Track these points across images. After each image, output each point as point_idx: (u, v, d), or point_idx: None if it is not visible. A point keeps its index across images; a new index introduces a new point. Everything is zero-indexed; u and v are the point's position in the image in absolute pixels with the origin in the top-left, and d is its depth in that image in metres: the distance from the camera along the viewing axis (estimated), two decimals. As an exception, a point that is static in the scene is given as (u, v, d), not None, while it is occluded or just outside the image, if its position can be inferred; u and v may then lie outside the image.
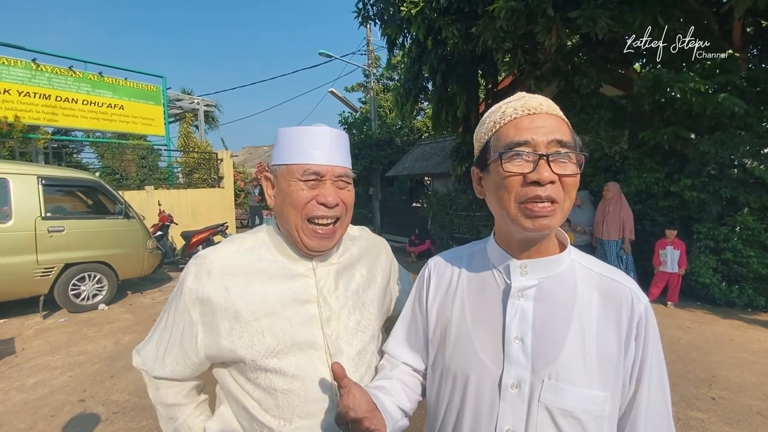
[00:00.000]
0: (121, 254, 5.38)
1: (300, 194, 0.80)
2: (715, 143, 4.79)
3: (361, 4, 6.46)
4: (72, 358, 3.66)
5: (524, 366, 0.66)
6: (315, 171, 0.80)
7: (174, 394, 0.88)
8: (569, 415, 0.63)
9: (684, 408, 2.78)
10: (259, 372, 0.79)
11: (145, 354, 0.89)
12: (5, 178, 4.48)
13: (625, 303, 0.66)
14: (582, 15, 4.34)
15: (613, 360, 0.64)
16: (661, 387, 0.67)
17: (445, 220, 8.99)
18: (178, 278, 0.87)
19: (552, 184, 0.61)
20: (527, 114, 0.64)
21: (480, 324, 0.72)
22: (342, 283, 0.89)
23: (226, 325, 0.79)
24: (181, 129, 14.25)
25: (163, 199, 8.28)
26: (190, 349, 0.82)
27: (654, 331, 0.67)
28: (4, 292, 4.52)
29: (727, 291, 4.93)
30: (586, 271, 0.71)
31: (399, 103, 7.80)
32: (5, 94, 7.81)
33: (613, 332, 0.65)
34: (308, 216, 0.81)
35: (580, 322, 0.66)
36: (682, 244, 5.02)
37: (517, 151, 0.62)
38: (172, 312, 0.85)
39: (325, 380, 0.81)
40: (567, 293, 0.68)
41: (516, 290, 0.70)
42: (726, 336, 4.10)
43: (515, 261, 0.71)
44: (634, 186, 5.47)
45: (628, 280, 0.70)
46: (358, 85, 18.40)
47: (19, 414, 2.73)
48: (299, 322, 0.81)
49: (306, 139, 0.81)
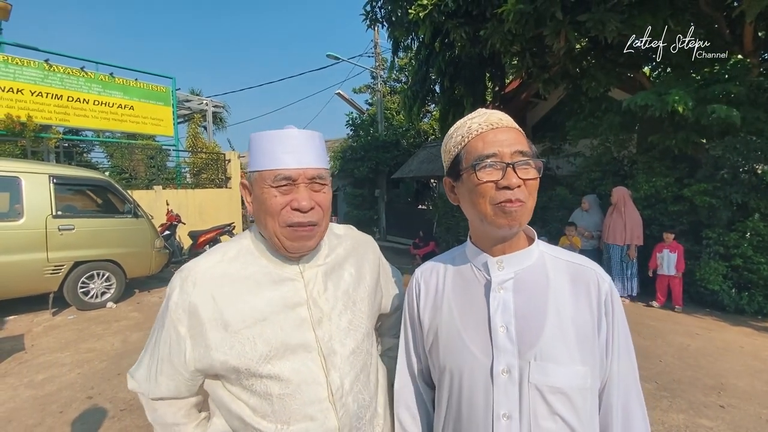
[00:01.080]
0: (130, 253, 5.45)
1: (273, 201, 0.78)
2: (727, 148, 4.74)
3: (369, 7, 6.48)
4: (80, 355, 3.71)
5: (511, 352, 0.72)
6: (286, 176, 0.78)
7: (173, 414, 0.86)
8: (557, 392, 0.69)
9: (692, 416, 2.74)
10: (253, 379, 0.78)
11: (138, 377, 0.87)
12: (18, 177, 4.56)
13: (592, 284, 0.74)
14: (591, 18, 4.32)
15: (590, 336, 0.72)
16: (628, 356, 0.74)
17: (451, 223, 8.96)
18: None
19: (519, 187, 0.70)
20: (490, 129, 0.74)
21: (467, 320, 0.78)
22: (331, 284, 0.88)
23: (215, 335, 0.77)
24: (190, 130, 14.37)
25: (171, 198, 8.36)
26: (180, 365, 0.80)
27: (619, 307, 0.74)
28: (15, 289, 4.59)
29: (737, 298, 4.86)
30: (555, 259, 0.79)
31: (406, 105, 7.82)
32: (18, 94, 7.94)
33: (587, 311, 0.73)
34: (286, 223, 0.79)
35: (555, 305, 0.73)
36: (679, 247, 4.99)
37: (488, 162, 0.71)
38: (160, 329, 0.84)
39: (320, 382, 0.80)
40: (541, 281, 0.76)
41: (496, 284, 0.76)
42: (736, 343, 4.04)
43: (492, 258, 0.78)
44: (642, 191, 5.42)
45: (592, 263, 0.78)
46: (365, 87, 18.45)
47: (28, 410, 2.76)
48: (290, 327, 0.81)
49: (275, 143, 0.79)
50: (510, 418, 0.70)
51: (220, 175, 10.56)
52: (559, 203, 6.69)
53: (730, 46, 4.90)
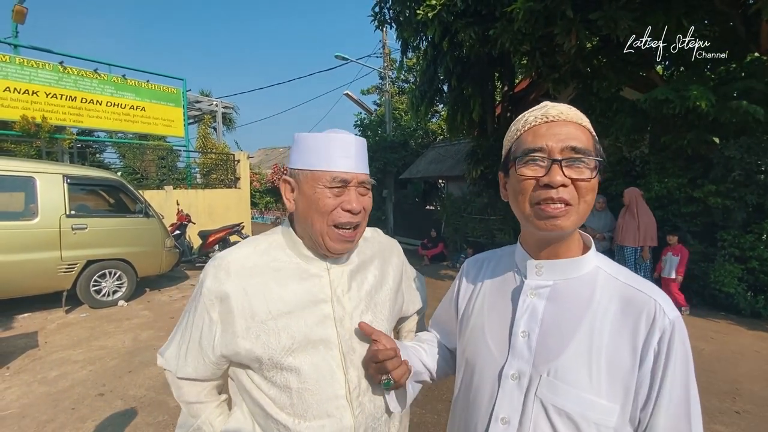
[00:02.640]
0: (141, 252, 5.52)
1: (327, 201, 0.82)
2: (741, 148, 4.64)
3: (378, 8, 6.48)
4: (92, 352, 3.77)
5: (526, 359, 0.68)
6: (342, 179, 0.82)
7: (196, 393, 0.90)
8: (565, 416, 0.63)
9: (707, 421, 2.69)
10: (274, 371, 0.81)
11: (168, 355, 0.92)
12: (33, 177, 4.65)
13: (646, 315, 0.63)
14: (603, 16, 4.26)
15: (626, 373, 0.62)
16: (685, 415, 0.61)
17: (459, 224, 8.92)
18: (196, 277, 0.90)
19: (564, 187, 0.64)
20: (545, 122, 0.68)
21: (493, 316, 0.77)
22: (355, 284, 0.91)
23: (243, 324, 0.81)
24: (200, 130, 14.54)
25: (181, 198, 8.45)
26: (209, 349, 0.84)
27: (682, 352, 0.62)
28: (30, 286, 4.68)
29: (752, 301, 4.75)
30: (611, 279, 0.70)
31: (414, 105, 7.80)
32: (34, 96, 8.10)
33: (628, 343, 0.63)
34: (334, 222, 0.83)
35: (590, 327, 0.66)
36: (684, 250, 4.91)
37: (532, 156, 0.66)
38: (192, 312, 0.87)
39: (338, 379, 0.82)
40: (582, 297, 0.69)
41: (529, 288, 0.73)
42: (751, 348, 3.95)
43: (532, 261, 0.74)
44: (654, 191, 5.34)
45: (657, 292, 0.66)
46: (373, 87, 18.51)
47: (41, 406, 2.81)
48: (314, 322, 0.83)
49: (333, 146, 0.82)
50: (508, 423, 0.68)
51: (230, 176, 10.66)
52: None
53: (745, 45, 4.79)
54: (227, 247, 0.93)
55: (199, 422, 0.90)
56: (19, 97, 7.93)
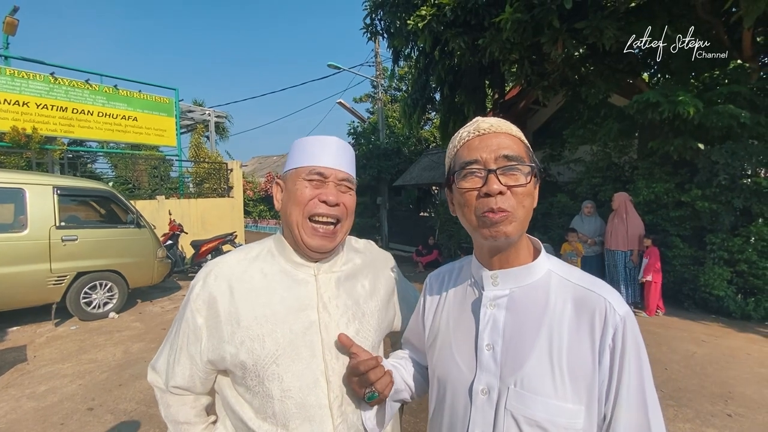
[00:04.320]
0: (132, 263, 5.46)
1: (303, 192, 0.84)
2: (726, 153, 4.73)
3: (369, 20, 6.56)
4: (82, 366, 3.70)
5: (493, 373, 0.69)
6: (319, 171, 0.84)
7: (185, 412, 0.89)
8: (535, 425, 0.64)
9: (699, 425, 2.70)
10: (257, 379, 0.81)
11: (159, 366, 0.91)
12: (22, 188, 4.60)
13: (598, 313, 0.65)
14: (589, 26, 4.36)
15: (587, 373, 0.64)
16: (642, 407, 0.63)
17: (453, 230, 8.96)
18: (188, 287, 0.90)
19: (502, 195, 0.66)
20: (477, 135, 0.71)
21: (459, 332, 0.77)
22: (343, 292, 0.91)
23: (229, 329, 0.81)
24: (193, 140, 14.51)
25: (173, 208, 8.40)
26: (196, 354, 0.84)
27: (633, 345, 0.63)
28: (19, 299, 4.61)
29: (742, 304, 4.81)
30: (563, 281, 0.71)
31: (406, 113, 7.87)
32: (24, 107, 8.06)
33: (587, 343, 0.64)
34: (309, 213, 0.84)
35: (549, 331, 0.66)
36: (654, 252, 4.96)
37: (470, 169, 0.68)
38: (180, 320, 0.88)
39: (320, 387, 0.82)
40: (538, 303, 0.70)
41: (487, 299, 0.73)
42: (742, 350, 3.99)
43: (487, 272, 0.74)
44: (642, 196, 5.41)
45: (607, 290, 0.68)
46: (366, 96, 18.62)
47: (29, 422, 2.75)
48: (299, 329, 0.83)
49: (316, 144, 0.87)
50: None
51: (223, 185, 10.63)
52: (561, 210, 6.68)
53: (728, 52, 4.92)
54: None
55: None
56: (10, 108, 7.88)
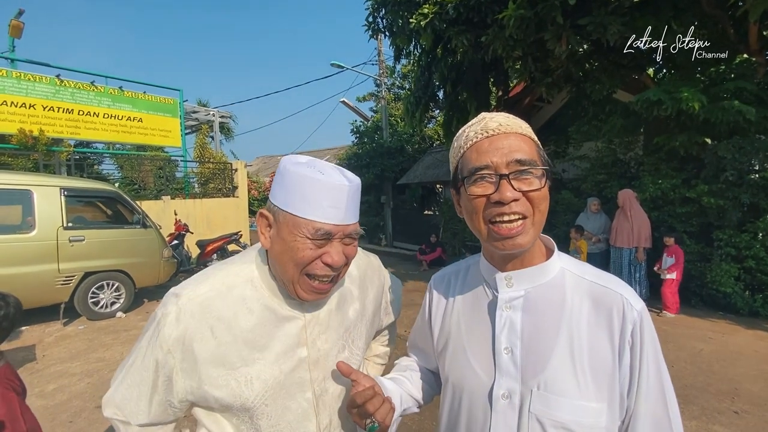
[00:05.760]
0: (139, 263, 5.52)
1: (306, 253, 0.72)
2: (733, 148, 4.68)
3: (371, 18, 6.55)
4: (90, 365, 3.75)
5: (514, 376, 0.67)
6: (327, 231, 0.72)
7: None
8: (561, 427, 0.63)
9: (705, 422, 2.69)
10: (245, 415, 0.77)
11: (119, 401, 0.79)
12: (30, 190, 4.66)
13: (616, 310, 0.65)
14: (592, 22, 4.31)
15: (608, 370, 0.64)
16: (661, 400, 0.64)
17: (457, 228, 8.95)
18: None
19: (516, 201, 0.63)
20: (486, 137, 0.67)
21: (473, 336, 0.75)
22: (334, 323, 0.86)
23: (210, 372, 0.74)
24: (197, 140, 14.58)
25: (179, 208, 8.46)
26: (167, 393, 0.76)
27: (650, 340, 0.64)
28: (28, 299, 4.64)
29: (750, 300, 4.76)
30: (577, 279, 0.70)
31: (409, 111, 7.84)
32: (31, 109, 8.14)
33: (606, 341, 0.64)
34: (308, 273, 0.75)
35: (569, 331, 0.66)
36: (678, 251, 4.90)
37: (480, 174, 0.65)
38: (145, 352, 0.77)
39: (310, 419, 0.81)
40: (555, 302, 0.68)
41: (503, 302, 0.71)
42: (750, 347, 3.95)
43: (500, 273, 0.72)
44: (649, 192, 5.37)
45: (622, 286, 0.68)
46: (369, 94, 18.59)
47: (38, 420, 2.79)
48: (289, 368, 0.79)
49: (322, 192, 0.72)
50: None
51: (227, 185, 10.69)
52: (566, 207, 6.64)
53: (734, 46, 4.85)
54: (225, 256, 0.87)
55: None
56: (17, 111, 7.97)
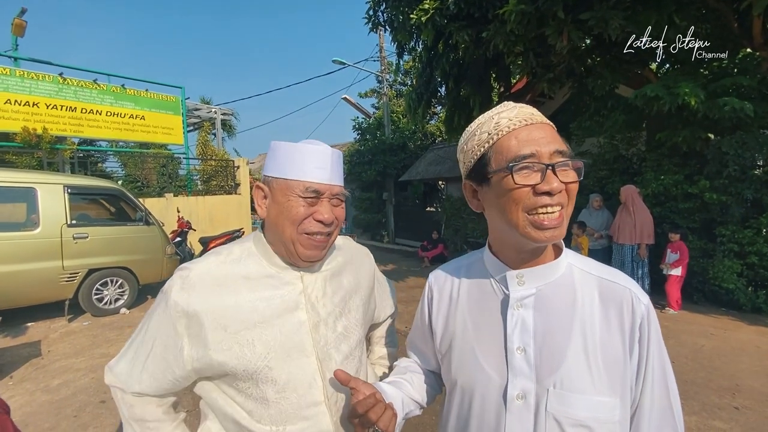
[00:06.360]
0: (142, 260, 5.56)
1: (299, 210, 0.81)
2: (736, 143, 4.64)
3: (372, 11, 6.52)
4: (94, 360, 3.80)
5: (528, 376, 0.66)
6: (315, 189, 0.81)
7: (152, 412, 0.86)
8: (579, 425, 0.63)
9: (705, 418, 2.69)
10: (250, 383, 0.80)
11: (119, 370, 0.86)
12: (34, 187, 4.69)
13: (626, 305, 0.66)
14: (594, 16, 4.28)
15: (620, 364, 0.64)
16: (665, 390, 0.66)
17: (459, 225, 8.94)
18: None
19: (559, 192, 0.63)
20: (524, 125, 0.65)
21: (482, 336, 0.73)
22: (330, 290, 0.91)
23: (214, 336, 0.78)
24: (200, 137, 14.63)
25: (181, 205, 8.50)
26: (175, 363, 0.80)
27: (656, 332, 0.66)
28: (32, 296, 4.72)
29: (753, 296, 4.75)
30: (585, 274, 0.70)
31: (411, 107, 7.82)
32: (34, 107, 8.18)
33: (617, 335, 0.65)
34: (304, 231, 0.82)
35: (582, 327, 0.66)
36: (683, 248, 4.88)
37: (526, 163, 0.62)
38: (153, 325, 0.83)
39: (316, 385, 0.82)
40: (566, 299, 0.68)
41: (514, 300, 0.70)
42: (752, 343, 3.94)
43: (511, 271, 0.71)
44: (651, 188, 5.34)
45: (628, 280, 0.69)
46: (371, 91, 18.55)
47: (43, 414, 2.84)
48: (289, 330, 0.82)
49: (308, 156, 0.82)
50: None
51: (230, 182, 10.73)
52: (568, 203, 6.61)
53: (738, 40, 4.80)
54: None
55: None
56: (20, 109, 8.00)
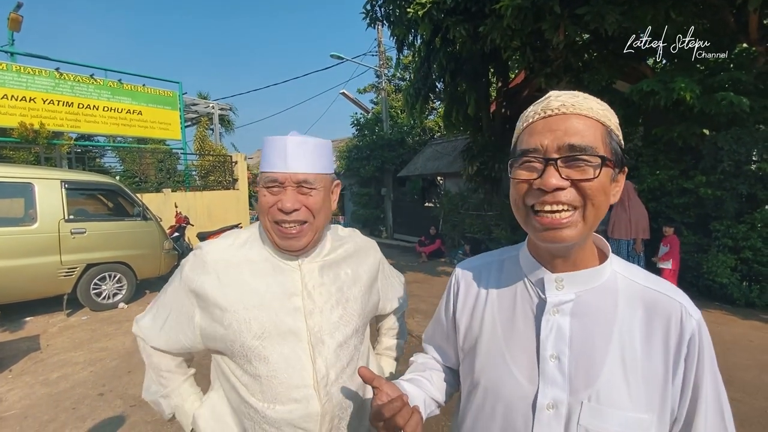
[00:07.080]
0: (140, 255, 5.58)
1: (264, 200, 0.87)
2: (731, 139, 4.66)
3: (369, 5, 6.50)
4: (93, 354, 3.83)
5: (561, 386, 0.62)
6: (273, 178, 0.85)
7: (166, 363, 0.99)
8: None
9: (695, 409, 2.73)
10: (245, 359, 0.86)
11: (143, 324, 1.00)
12: (31, 183, 4.70)
13: (674, 318, 0.61)
14: (590, 11, 4.28)
15: (660, 380, 0.60)
16: (719, 413, 0.61)
17: (457, 220, 8.97)
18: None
19: (561, 190, 0.57)
20: (543, 117, 0.61)
21: (513, 339, 0.69)
22: (327, 279, 0.94)
23: (218, 313, 0.87)
24: (197, 133, 14.58)
25: (179, 201, 8.50)
26: (187, 328, 0.91)
27: (709, 352, 0.61)
28: (31, 291, 4.74)
29: (746, 291, 4.79)
30: (630, 283, 0.65)
31: (409, 102, 7.81)
32: (31, 102, 8.16)
33: (660, 350, 0.61)
34: (273, 220, 0.87)
35: (620, 338, 0.62)
36: (674, 240, 4.92)
37: (527, 158, 0.60)
38: (170, 293, 0.96)
39: (306, 368, 0.86)
40: (607, 308, 0.63)
41: (551, 305, 0.65)
42: (745, 337, 3.98)
43: (550, 275, 0.66)
44: (647, 183, 5.37)
45: (678, 293, 0.64)
46: (370, 86, 18.49)
47: (42, 407, 2.87)
48: (284, 313, 0.87)
49: (271, 148, 0.86)
50: None
51: (228, 177, 10.72)
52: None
53: (734, 35, 4.81)
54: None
55: (167, 390, 0.99)
56: (17, 104, 7.99)
